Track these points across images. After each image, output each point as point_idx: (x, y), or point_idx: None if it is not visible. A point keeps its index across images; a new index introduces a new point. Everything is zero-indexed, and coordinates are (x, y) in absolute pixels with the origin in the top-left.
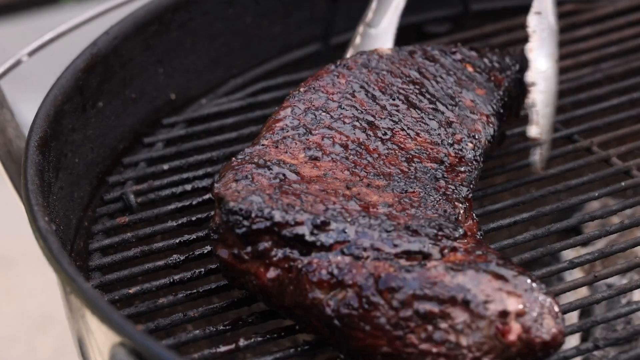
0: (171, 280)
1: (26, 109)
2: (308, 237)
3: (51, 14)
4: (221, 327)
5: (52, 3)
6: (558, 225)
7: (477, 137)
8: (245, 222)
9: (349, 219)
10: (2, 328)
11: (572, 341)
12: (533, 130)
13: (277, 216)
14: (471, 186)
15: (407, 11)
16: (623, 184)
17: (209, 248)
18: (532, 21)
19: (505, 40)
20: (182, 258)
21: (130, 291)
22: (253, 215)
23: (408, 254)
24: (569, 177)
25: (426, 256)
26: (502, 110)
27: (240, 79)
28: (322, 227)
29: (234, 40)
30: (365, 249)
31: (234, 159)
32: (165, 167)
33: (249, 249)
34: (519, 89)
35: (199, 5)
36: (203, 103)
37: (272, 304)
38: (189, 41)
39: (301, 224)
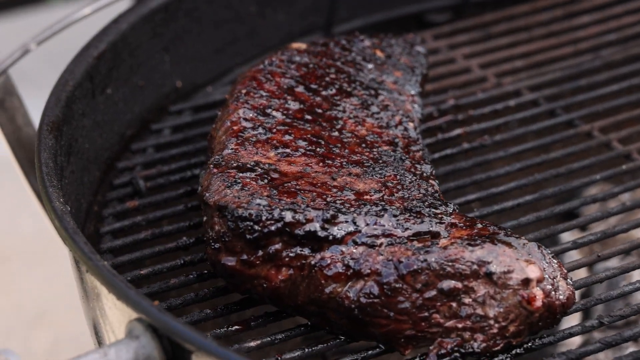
0: (182, 261)
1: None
2: (320, 233)
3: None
4: (233, 307)
5: (39, 2)
6: (561, 207)
7: (411, 117)
8: (257, 227)
9: (352, 209)
10: None
11: (572, 321)
12: None
13: (288, 216)
14: (430, 163)
15: (407, 1)
16: (624, 167)
17: None
18: None
19: (506, 29)
20: (191, 240)
21: (142, 272)
22: (264, 218)
23: (418, 236)
24: (570, 161)
25: (435, 235)
26: (420, 89)
27: (246, 67)
28: (332, 220)
29: (239, 29)
30: (377, 237)
31: (211, 166)
32: (174, 152)
33: (259, 253)
34: (426, 67)
35: None
36: (209, 91)
37: (283, 305)
38: (194, 29)
39: (311, 220)
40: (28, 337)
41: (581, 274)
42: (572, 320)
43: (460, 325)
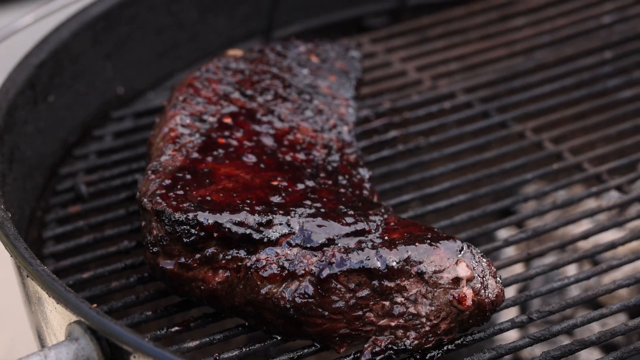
0: (123, 265)
1: None
2: (255, 235)
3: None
4: (173, 309)
5: None
6: (493, 206)
7: (345, 120)
8: (193, 230)
9: (287, 211)
10: None
11: (510, 315)
12: None
13: (224, 220)
14: (365, 166)
15: (346, 5)
16: (555, 166)
17: None
18: None
19: (442, 32)
20: (133, 244)
21: (84, 276)
22: (200, 222)
23: (353, 236)
24: (503, 161)
25: (367, 235)
26: (355, 93)
27: (187, 72)
28: (267, 223)
29: (180, 35)
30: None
31: (149, 172)
32: (115, 158)
33: (197, 255)
34: (360, 71)
35: (145, 0)
36: (150, 97)
37: (220, 306)
38: (136, 36)
39: (246, 223)
40: None
41: (518, 270)
42: (506, 317)
43: (393, 324)
